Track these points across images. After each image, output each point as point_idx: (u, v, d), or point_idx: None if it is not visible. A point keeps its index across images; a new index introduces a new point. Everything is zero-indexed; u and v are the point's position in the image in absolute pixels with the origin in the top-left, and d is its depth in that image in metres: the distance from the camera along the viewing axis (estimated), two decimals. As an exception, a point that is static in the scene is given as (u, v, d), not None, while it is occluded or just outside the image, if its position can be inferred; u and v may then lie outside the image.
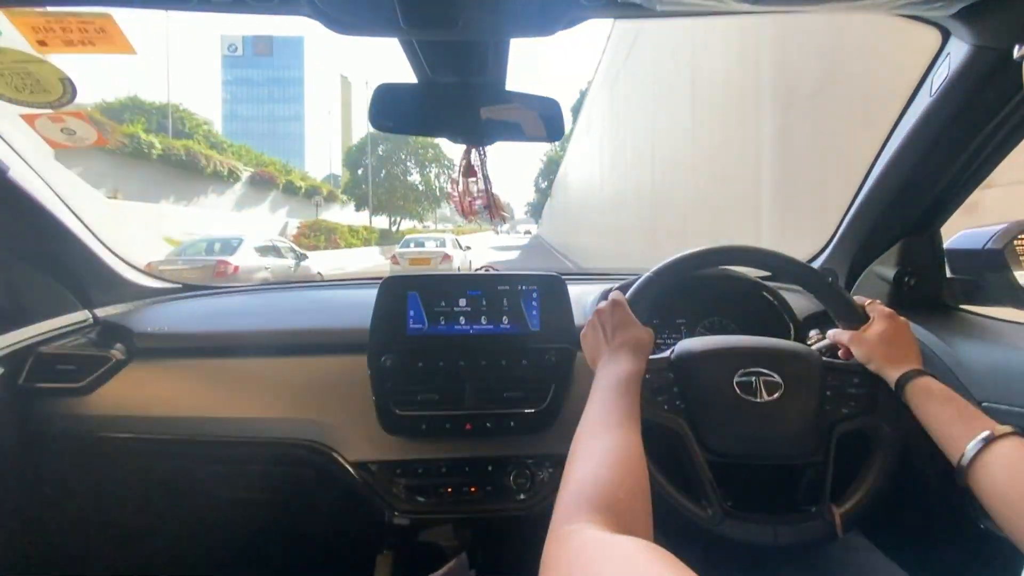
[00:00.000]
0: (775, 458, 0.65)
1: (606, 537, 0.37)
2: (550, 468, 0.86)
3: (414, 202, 33.38)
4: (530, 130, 0.81)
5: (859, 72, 2.63)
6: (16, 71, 0.68)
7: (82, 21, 0.63)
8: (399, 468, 0.85)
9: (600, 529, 0.38)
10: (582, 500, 0.41)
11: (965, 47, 0.67)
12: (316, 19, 0.58)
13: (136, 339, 0.96)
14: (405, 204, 33.16)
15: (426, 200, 33.86)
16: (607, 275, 1.22)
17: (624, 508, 0.41)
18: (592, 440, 0.49)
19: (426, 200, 33.86)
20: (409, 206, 33.41)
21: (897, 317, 0.67)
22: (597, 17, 0.61)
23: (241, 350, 0.95)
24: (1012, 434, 0.52)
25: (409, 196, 33.01)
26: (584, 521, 0.39)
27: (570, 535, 0.38)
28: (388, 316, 0.87)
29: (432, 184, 33.54)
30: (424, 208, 34.58)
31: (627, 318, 0.65)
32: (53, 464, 0.91)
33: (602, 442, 0.48)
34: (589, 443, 0.49)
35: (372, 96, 0.74)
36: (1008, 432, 0.52)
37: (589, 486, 0.43)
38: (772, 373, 0.65)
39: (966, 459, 0.52)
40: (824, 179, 2.90)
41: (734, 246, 0.73)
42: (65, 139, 0.76)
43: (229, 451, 0.86)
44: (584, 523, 0.39)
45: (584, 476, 0.44)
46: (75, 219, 0.95)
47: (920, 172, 0.84)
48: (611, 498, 0.41)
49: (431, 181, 33.64)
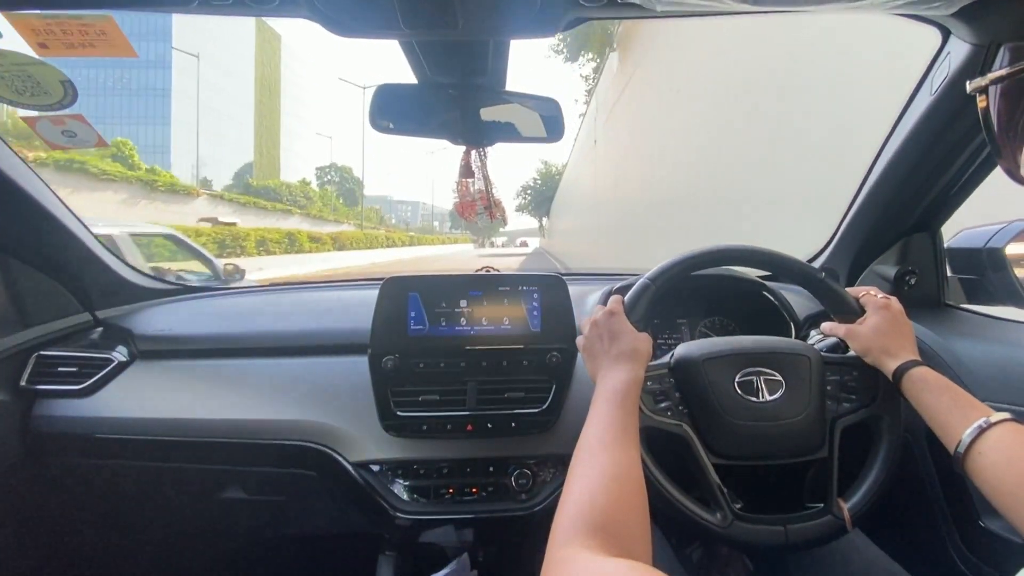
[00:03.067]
0: (781, 457, 0.65)
1: (602, 561, 0.37)
2: (551, 468, 0.86)
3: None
4: (530, 131, 0.81)
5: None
6: (17, 74, 0.68)
7: (82, 23, 0.63)
8: (400, 469, 0.85)
9: (596, 553, 0.38)
10: (579, 522, 0.41)
11: (965, 46, 0.67)
12: (316, 21, 0.58)
13: (137, 341, 0.96)
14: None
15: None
16: (608, 275, 1.22)
17: (620, 529, 0.41)
18: (588, 459, 0.49)
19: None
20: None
21: (891, 306, 0.67)
22: (597, 18, 0.61)
23: (242, 352, 0.95)
24: (1007, 420, 0.52)
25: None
26: (580, 544, 0.39)
27: (566, 562, 0.38)
28: (389, 317, 0.87)
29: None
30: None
31: (623, 327, 0.65)
32: (54, 466, 0.91)
33: (597, 461, 0.48)
34: (584, 463, 0.49)
35: (372, 97, 0.74)
36: (1003, 418, 0.52)
37: (586, 508, 0.43)
38: (773, 372, 0.65)
39: (963, 446, 0.53)
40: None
41: (726, 247, 0.73)
42: (66, 141, 0.76)
43: (230, 453, 0.86)
44: (580, 547, 0.39)
45: (580, 497, 0.44)
46: (76, 221, 0.95)
47: (921, 171, 0.84)
48: (607, 519, 0.41)
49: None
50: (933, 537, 0.78)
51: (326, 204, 36.54)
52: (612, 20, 0.73)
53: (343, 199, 55.62)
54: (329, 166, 61.51)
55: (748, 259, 0.75)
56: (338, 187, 58.41)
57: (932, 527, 0.79)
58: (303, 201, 31.58)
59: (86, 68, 56.91)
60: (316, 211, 30.30)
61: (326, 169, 60.75)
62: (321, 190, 45.65)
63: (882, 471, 0.63)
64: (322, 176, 59.58)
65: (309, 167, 61.24)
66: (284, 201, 30.65)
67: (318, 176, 59.17)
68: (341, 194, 57.12)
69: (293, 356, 0.94)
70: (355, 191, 57.46)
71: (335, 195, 47.71)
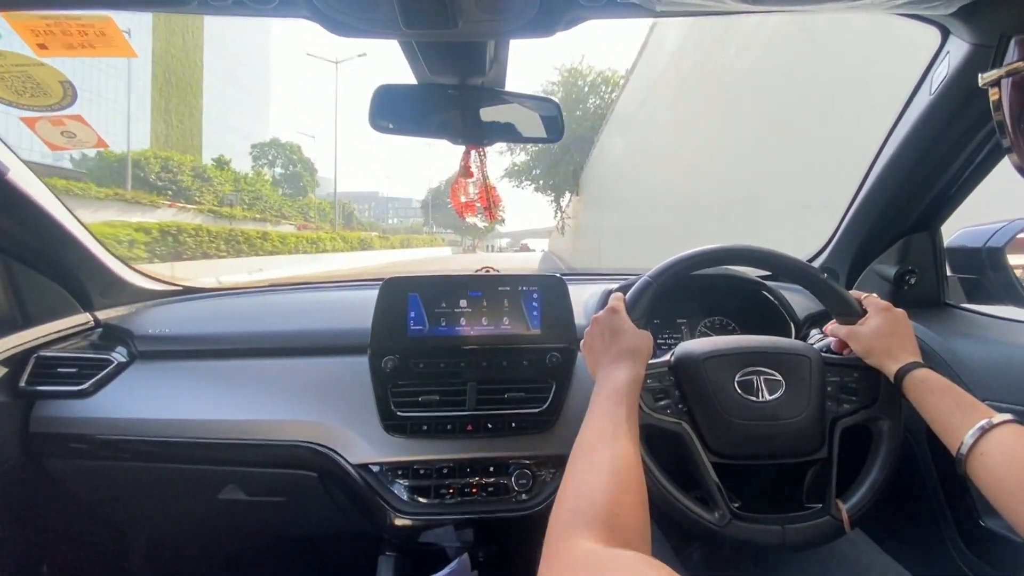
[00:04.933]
0: (780, 457, 0.65)
1: (602, 551, 0.37)
2: (552, 468, 0.86)
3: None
4: (530, 131, 0.81)
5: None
6: (16, 74, 0.68)
7: (82, 24, 0.63)
8: (401, 469, 0.85)
9: (595, 543, 0.38)
10: (578, 515, 0.41)
11: (965, 46, 0.67)
12: (316, 21, 0.58)
13: (137, 342, 0.96)
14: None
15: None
16: (608, 275, 1.22)
17: (620, 522, 0.41)
18: (588, 453, 0.49)
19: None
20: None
21: (893, 309, 0.67)
22: (597, 18, 0.61)
23: (242, 352, 0.95)
24: (1009, 421, 0.52)
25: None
26: (580, 536, 0.39)
27: (566, 550, 0.38)
28: (389, 317, 0.87)
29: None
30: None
31: (624, 325, 0.65)
32: (54, 467, 0.91)
33: (598, 455, 0.48)
34: (585, 457, 0.49)
35: (371, 97, 0.74)
36: (1005, 420, 0.52)
37: (585, 501, 0.43)
38: (773, 372, 0.65)
39: (965, 447, 0.53)
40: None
41: (727, 246, 0.73)
42: (65, 142, 0.76)
43: (230, 453, 0.86)
44: (580, 538, 0.38)
45: (579, 490, 0.44)
46: (76, 222, 0.95)
47: (920, 170, 0.84)
48: (607, 512, 0.41)
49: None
50: (934, 537, 0.78)
51: (246, 191, 25.27)
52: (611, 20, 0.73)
53: (288, 188, 39.28)
54: (269, 143, 42.14)
55: (748, 259, 0.75)
56: (284, 172, 41.24)
57: (933, 527, 0.79)
58: (196, 185, 21.14)
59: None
60: (210, 205, 20.42)
61: (265, 147, 41.59)
62: (255, 173, 31.66)
63: (881, 473, 0.63)
64: (259, 156, 41.14)
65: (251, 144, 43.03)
66: (164, 185, 20.18)
67: (253, 157, 41.07)
68: (285, 180, 40.37)
69: (293, 357, 0.94)
70: (303, 177, 40.81)
71: (269, 182, 32.36)
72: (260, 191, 26.74)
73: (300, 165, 41.24)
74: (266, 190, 28.00)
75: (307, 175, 41.39)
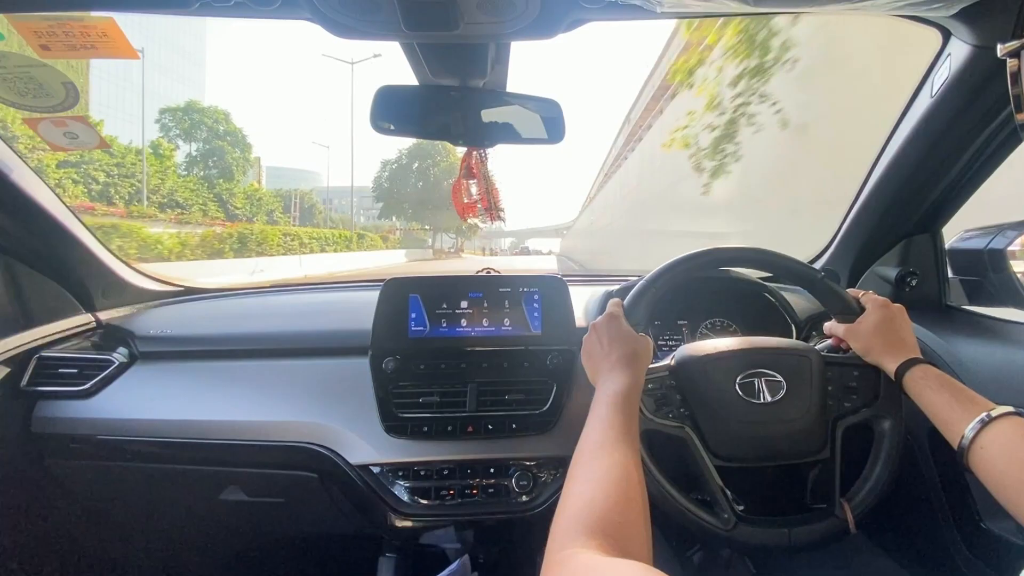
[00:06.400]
0: (783, 458, 0.65)
1: (601, 561, 0.36)
2: (552, 470, 0.86)
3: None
4: (531, 132, 0.81)
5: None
6: (19, 76, 0.68)
7: (84, 25, 0.63)
8: (401, 470, 0.85)
9: (596, 553, 0.37)
10: (578, 524, 0.41)
11: (966, 48, 0.67)
12: (318, 23, 0.58)
13: (139, 342, 0.96)
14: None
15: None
16: (608, 276, 1.22)
17: (620, 531, 0.41)
18: (588, 462, 0.49)
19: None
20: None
21: (891, 306, 0.67)
22: (598, 20, 0.61)
23: (243, 353, 0.95)
24: (1009, 414, 0.52)
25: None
26: (580, 545, 0.39)
27: (565, 560, 0.38)
28: (390, 319, 0.87)
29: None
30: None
31: (622, 331, 0.65)
32: (56, 467, 0.91)
33: (598, 464, 0.48)
34: (585, 465, 0.49)
35: (372, 98, 0.74)
36: (1005, 412, 0.52)
37: (585, 510, 0.42)
38: (773, 373, 0.65)
39: (966, 441, 0.53)
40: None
41: (725, 248, 0.73)
42: (68, 143, 0.76)
43: (231, 454, 0.86)
44: (580, 547, 0.38)
45: (580, 500, 0.44)
46: (77, 222, 0.95)
47: (921, 172, 0.84)
48: (607, 521, 0.41)
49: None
50: (935, 539, 0.78)
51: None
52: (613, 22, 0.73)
53: (212, 167, 28.45)
54: (184, 106, 29.04)
55: (748, 260, 0.75)
56: (202, 147, 28.73)
57: (934, 529, 0.78)
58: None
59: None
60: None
61: (177, 112, 28.64)
62: (156, 142, 23.82)
63: (884, 470, 0.63)
64: (169, 126, 28.17)
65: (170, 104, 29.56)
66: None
67: (160, 125, 28.22)
68: (201, 158, 28.79)
69: (294, 357, 0.94)
70: (228, 155, 28.60)
71: (175, 158, 24.43)
72: (165, 171, 19.49)
73: (234, 139, 29.44)
74: (167, 170, 20.43)
75: (234, 152, 29.12)
